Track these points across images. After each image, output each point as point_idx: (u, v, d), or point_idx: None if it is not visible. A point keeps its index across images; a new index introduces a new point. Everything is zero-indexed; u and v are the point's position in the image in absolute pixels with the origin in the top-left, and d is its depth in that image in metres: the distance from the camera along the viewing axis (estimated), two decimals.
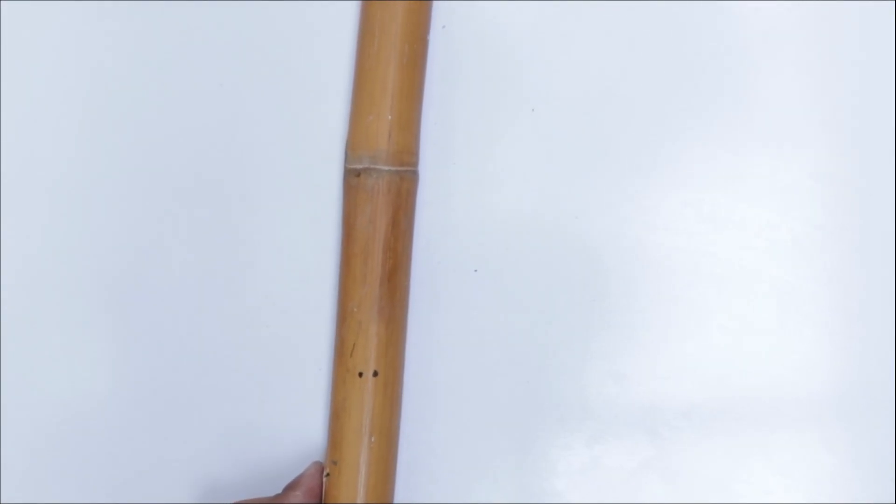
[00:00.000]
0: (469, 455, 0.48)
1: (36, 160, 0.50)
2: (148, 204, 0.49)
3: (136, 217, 0.49)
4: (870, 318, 0.47)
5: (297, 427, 0.48)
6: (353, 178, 0.46)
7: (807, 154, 0.48)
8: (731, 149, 0.48)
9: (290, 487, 0.44)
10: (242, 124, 0.49)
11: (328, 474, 0.45)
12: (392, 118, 0.45)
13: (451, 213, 0.49)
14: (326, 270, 0.48)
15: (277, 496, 0.44)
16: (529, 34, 0.48)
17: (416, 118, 0.47)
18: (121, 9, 0.49)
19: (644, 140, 0.48)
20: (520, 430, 0.48)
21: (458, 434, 0.48)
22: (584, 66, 0.48)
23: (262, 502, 0.44)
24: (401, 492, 0.47)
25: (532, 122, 0.48)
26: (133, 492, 0.48)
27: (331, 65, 0.48)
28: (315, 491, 0.44)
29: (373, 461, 0.45)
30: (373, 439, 0.44)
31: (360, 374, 0.44)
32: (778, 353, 0.47)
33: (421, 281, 0.48)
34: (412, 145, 0.46)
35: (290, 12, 0.49)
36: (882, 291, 0.47)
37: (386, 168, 0.45)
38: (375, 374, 0.45)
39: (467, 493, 0.48)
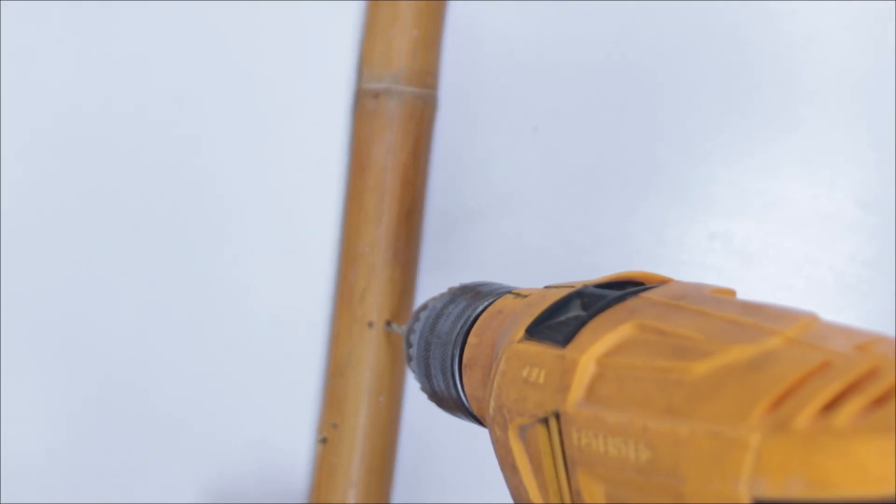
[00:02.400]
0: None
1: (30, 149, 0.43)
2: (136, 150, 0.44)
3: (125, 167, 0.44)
4: None
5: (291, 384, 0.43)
6: (369, 100, 0.41)
7: (852, 179, 0.42)
8: (764, 172, 0.42)
9: None
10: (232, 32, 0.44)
11: (324, 439, 0.41)
12: (419, 33, 0.40)
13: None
14: (329, 206, 0.43)
15: None
16: (531, 39, 0.43)
17: (440, 36, 0.42)
18: None
19: (664, 162, 0.42)
20: None
21: None
22: (592, 74, 0.43)
23: None
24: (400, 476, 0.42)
25: (534, 141, 0.43)
26: (127, 485, 0.44)
27: None
28: None
29: (381, 424, 0.41)
30: (382, 399, 0.40)
31: (371, 324, 0.40)
32: None
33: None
34: (435, 66, 0.42)
35: None
36: None
37: (409, 90, 0.40)
38: (388, 324, 0.40)
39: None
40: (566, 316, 0.23)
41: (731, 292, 0.22)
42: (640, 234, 0.43)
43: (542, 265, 0.42)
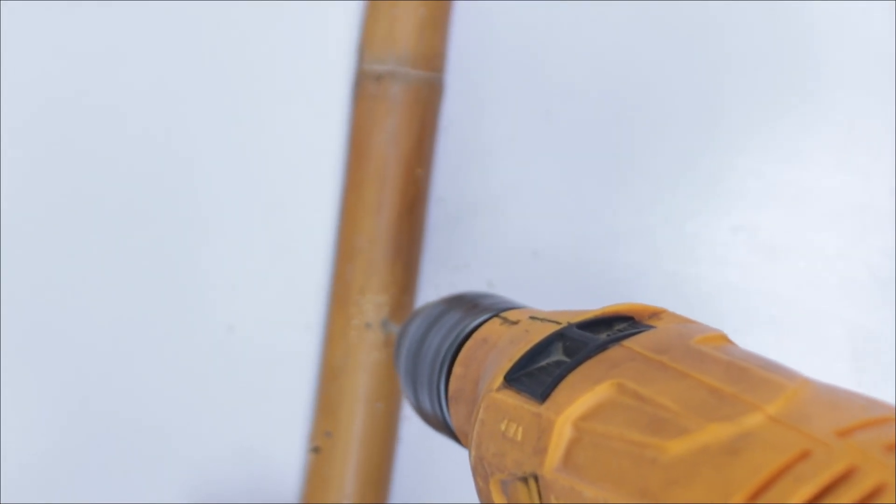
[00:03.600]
0: None
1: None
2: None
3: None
4: None
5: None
6: (370, 82, 0.40)
7: (888, 167, 0.41)
8: (792, 160, 0.41)
9: None
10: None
11: (316, 449, 0.40)
12: (426, 12, 0.39)
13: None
14: (325, 198, 0.42)
15: None
16: (544, 18, 0.42)
17: (449, 14, 0.41)
18: None
19: (685, 150, 0.42)
20: None
21: None
22: (610, 56, 0.42)
23: None
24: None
25: (548, 124, 0.42)
26: (107, 496, 0.43)
27: None
28: None
29: (378, 433, 0.40)
30: (379, 406, 0.39)
31: (368, 325, 0.39)
32: None
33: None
34: (443, 47, 0.40)
35: None
36: None
37: (414, 72, 0.39)
38: (386, 324, 0.39)
39: None
40: (547, 361, 0.23)
41: (720, 338, 0.22)
42: (658, 227, 0.42)
43: (553, 262, 0.42)
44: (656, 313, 0.24)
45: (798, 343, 0.42)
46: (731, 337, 0.23)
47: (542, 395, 0.21)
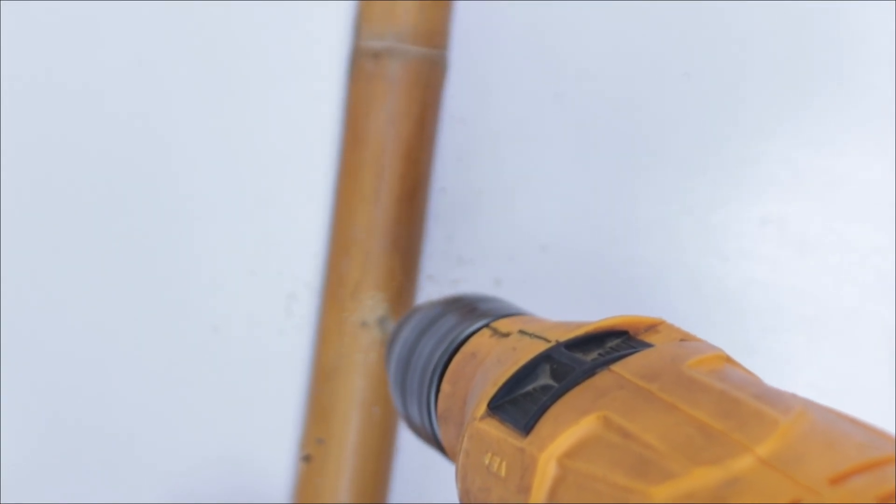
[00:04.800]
0: None
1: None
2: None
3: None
4: None
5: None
6: (367, 60, 0.39)
7: None
8: (825, 146, 0.40)
9: None
10: None
11: (307, 457, 0.39)
12: None
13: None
14: (318, 184, 0.41)
15: None
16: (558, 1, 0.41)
17: None
18: None
19: (709, 135, 0.41)
20: None
21: None
22: (626, 32, 0.41)
23: None
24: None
25: (559, 107, 0.41)
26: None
27: None
28: None
29: (374, 440, 0.39)
30: (376, 410, 0.39)
31: (364, 324, 0.39)
32: (890, 421, 0.40)
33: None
34: (446, 22, 0.40)
35: None
36: None
37: (415, 49, 0.38)
38: (383, 322, 0.39)
39: None
40: (533, 386, 0.23)
41: (717, 359, 0.22)
42: (680, 218, 0.41)
43: (565, 257, 0.41)
44: (653, 325, 0.24)
45: (831, 345, 0.41)
46: (759, 338, 0.23)
47: (526, 428, 0.22)
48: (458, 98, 0.41)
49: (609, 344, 0.23)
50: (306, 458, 0.39)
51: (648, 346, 0.23)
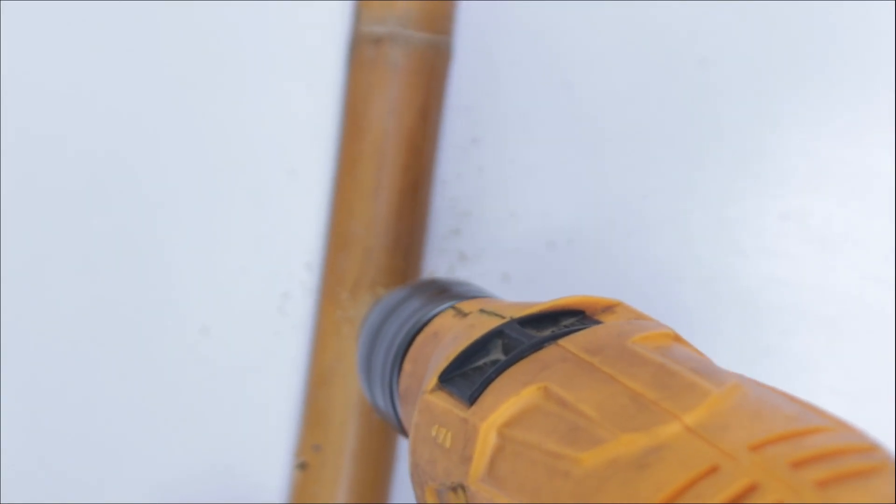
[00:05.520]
0: None
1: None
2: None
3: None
4: None
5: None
6: (368, 46, 0.38)
7: None
8: (848, 137, 0.40)
9: None
10: None
11: (303, 464, 0.39)
12: None
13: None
14: (315, 177, 0.41)
15: None
16: None
17: None
18: None
19: (725, 125, 0.40)
20: None
21: None
22: (637, 17, 0.40)
23: None
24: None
25: (569, 96, 0.41)
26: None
27: None
28: None
29: (373, 446, 0.39)
30: (375, 415, 0.38)
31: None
32: None
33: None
34: (450, 6, 0.39)
35: None
36: None
37: (418, 34, 0.38)
38: None
39: None
40: (483, 361, 0.24)
41: (664, 336, 0.23)
42: (695, 213, 0.40)
43: (574, 253, 0.41)
44: (610, 307, 0.25)
45: (856, 346, 0.40)
46: (778, 338, 0.22)
47: (471, 398, 0.22)
48: (462, 86, 0.40)
49: (563, 322, 0.24)
50: (302, 466, 0.39)
51: (600, 324, 0.24)
